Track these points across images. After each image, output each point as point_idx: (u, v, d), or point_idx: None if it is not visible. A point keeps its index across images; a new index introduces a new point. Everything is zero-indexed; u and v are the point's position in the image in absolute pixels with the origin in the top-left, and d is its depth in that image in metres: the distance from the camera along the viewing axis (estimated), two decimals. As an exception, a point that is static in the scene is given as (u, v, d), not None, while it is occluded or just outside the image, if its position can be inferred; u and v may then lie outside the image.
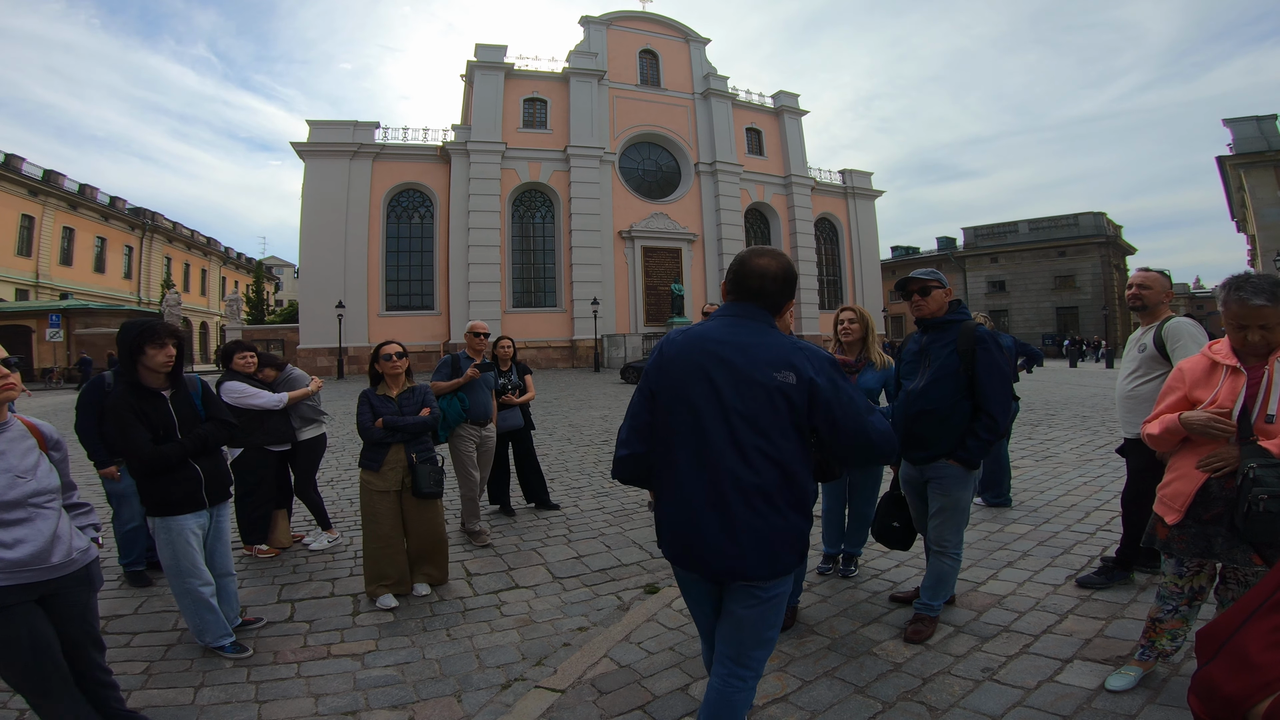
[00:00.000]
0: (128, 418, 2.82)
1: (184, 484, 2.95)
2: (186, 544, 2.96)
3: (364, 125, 30.39)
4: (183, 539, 2.95)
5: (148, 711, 2.43)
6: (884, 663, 2.81)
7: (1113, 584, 3.47)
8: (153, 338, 2.88)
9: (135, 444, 2.82)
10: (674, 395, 1.87)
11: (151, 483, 2.91)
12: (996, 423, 2.84)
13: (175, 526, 2.93)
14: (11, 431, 2.08)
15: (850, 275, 40.13)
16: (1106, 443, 7.99)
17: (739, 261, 1.97)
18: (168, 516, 2.93)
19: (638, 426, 1.95)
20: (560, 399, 15.67)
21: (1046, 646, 2.88)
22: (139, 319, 2.97)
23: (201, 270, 48.06)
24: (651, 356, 1.97)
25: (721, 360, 1.82)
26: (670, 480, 1.88)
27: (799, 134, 38.76)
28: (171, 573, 2.97)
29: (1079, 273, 41.40)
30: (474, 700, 2.65)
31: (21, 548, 1.98)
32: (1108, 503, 5.19)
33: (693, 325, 1.97)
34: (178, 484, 2.93)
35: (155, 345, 2.88)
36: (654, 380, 1.93)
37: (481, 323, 4.86)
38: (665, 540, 1.92)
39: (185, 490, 2.95)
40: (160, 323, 2.94)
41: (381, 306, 30.26)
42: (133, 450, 2.83)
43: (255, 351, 4.56)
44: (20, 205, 30.90)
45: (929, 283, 2.99)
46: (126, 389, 2.88)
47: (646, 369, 1.98)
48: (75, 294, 32.58)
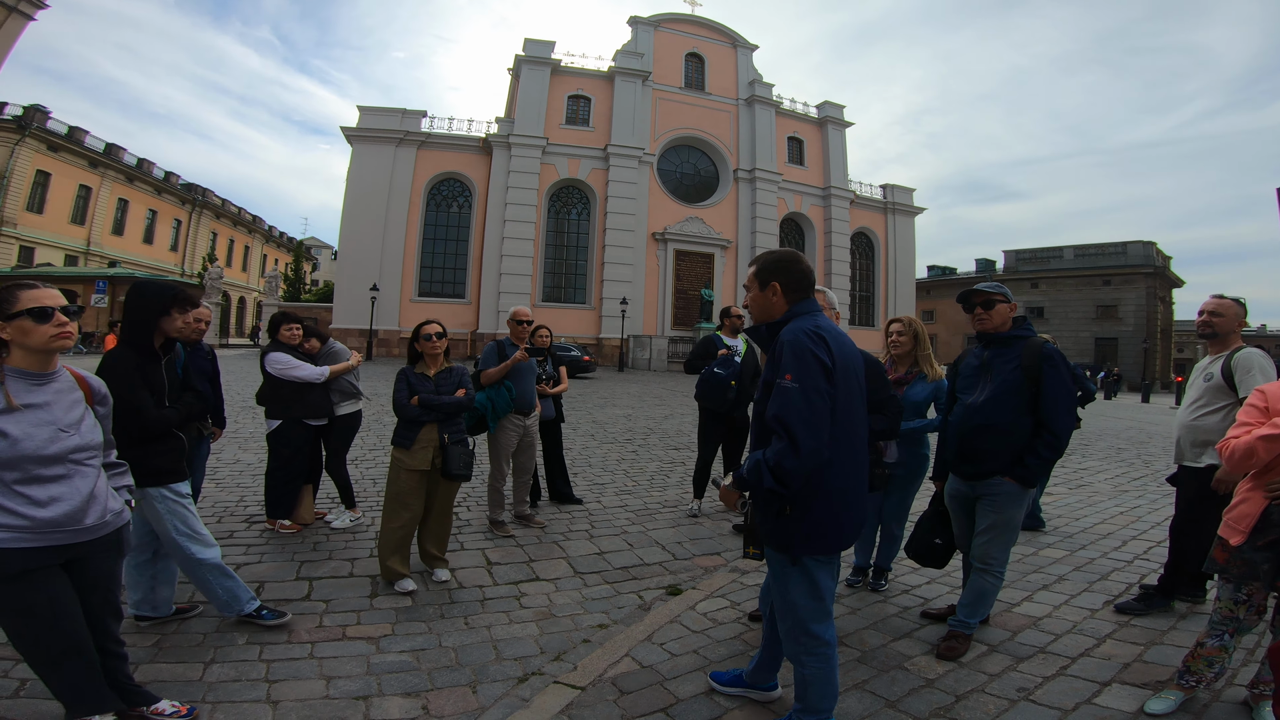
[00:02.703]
0: (136, 378, 2.71)
1: (172, 452, 2.85)
2: (187, 510, 2.86)
3: (412, 113, 30.86)
4: (182, 506, 2.84)
5: (154, 686, 2.37)
6: (916, 678, 2.74)
7: (1152, 611, 3.42)
8: (185, 301, 2.83)
9: (141, 407, 2.70)
10: (848, 391, 2.06)
11: (142, 449, 2.74)
12: (1060, 441, 2.79)
13: (172, 494, 2.82)
14: (60, 382, 2.01)
15: (884, 292, 39.50)
16: (1142, 475, 7.86)
17: (793, 261, 2.17)
18: (162, 486, 2.80)
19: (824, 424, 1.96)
20: (585, 395, 15.67)
21: (1084, 669, 2.82)
22: (155, 281, 2.89)
23: (245, 247, 49.32)
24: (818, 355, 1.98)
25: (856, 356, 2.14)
26: (841, 471, 2.04)
27: (842, 145, 38.30)
28: (176, 545, 2.82)
29: (1122, 303, 40.17)
30: (489, 692, 2.59)
31: (55, 506, 1.90)
32: (1145, 533, 5.15)
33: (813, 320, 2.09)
34: (168, 452, 2.83)
35: (181, 309, 2.83)
36: (836, 379, 2.01)
37: (525, 309, 4.83)
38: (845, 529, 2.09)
39: (173, 459, 2.85)
40: (188, 287, 2.89)
41: (414, 292, 30.67)
42: (137, 412, 2.70)
43: (302, 323, 4.58)
44: (80, 176, 32.06)
45: (994, 296, 2.91)
46: (132, 350, 2.76)
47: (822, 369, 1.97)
48: (123, 263, 33.65)
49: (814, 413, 1.92)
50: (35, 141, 28.75)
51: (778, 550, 2.11)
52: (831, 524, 2.05)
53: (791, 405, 1.92)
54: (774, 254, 2.22)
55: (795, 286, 2.14)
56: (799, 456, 1.89)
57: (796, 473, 1.92)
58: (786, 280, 2.15)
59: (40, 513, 1.87)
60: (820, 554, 2.08)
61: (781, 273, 2.15)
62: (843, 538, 2.09)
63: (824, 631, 2.13)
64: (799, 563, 2.08)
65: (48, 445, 1.89)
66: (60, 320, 1.95)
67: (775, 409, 1.96)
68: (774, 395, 1.98)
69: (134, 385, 2.70)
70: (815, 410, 1.92)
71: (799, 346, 1.98)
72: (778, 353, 2.03)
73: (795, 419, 1.90)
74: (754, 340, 2.26)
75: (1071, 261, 42.65)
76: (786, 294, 2.15)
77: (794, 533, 2.04)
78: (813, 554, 2.06)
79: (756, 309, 2.23)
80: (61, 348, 1.98)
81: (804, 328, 2.03)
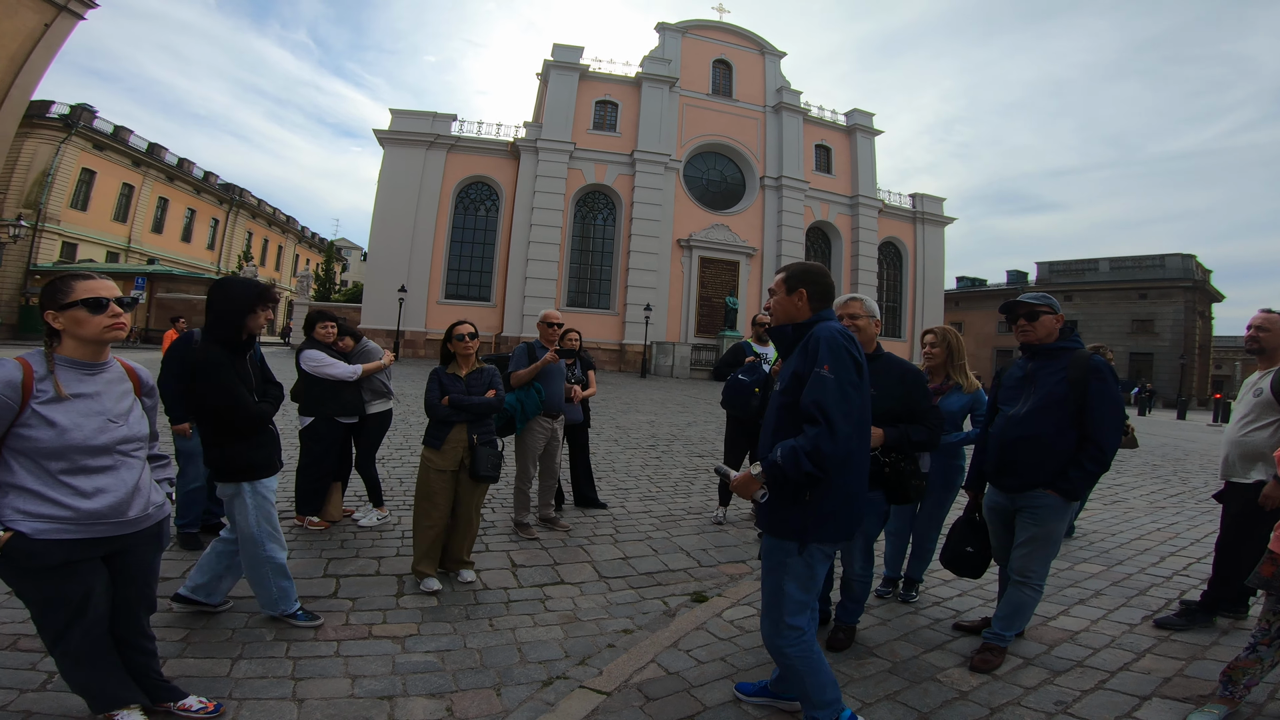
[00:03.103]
0: (232, 374, 2.77)
1: (267, 446, 2.92)
2: (271, 507, 2.91)
3: (442, 117, 31.29)
4: (268, 502, 2.89)
5: (181, 681, 2.38)
6: (949, 690, 2.70)
7: (1194, 626, 3.35)
8: (268, 299, 2.89)
9: (243, 402, 2.77)
10: (863, 393, 2.18)
11: (240, 444, 2.82)
12: (1105, 455, 2.72)
13: (262, 489, 2.87)
14: (110, 373, 2.02)
15: (911, 303, 38.93)
16: (1179, 492, 7.70)
17: (821, 274, 2.34)
18: (255, 480, 2.86)
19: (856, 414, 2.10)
20: (608, 401, 15.67)
21: (1123, 683, 2.78)
22: (240, 278, 2.95)
23: (278, 246, 50.42)
24: (852, 352, 2.14)
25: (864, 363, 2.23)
26: (856, 465, 2.17)
27: (870, 154, 37.91)
28: (252, 540, 2.86)
29: (1159, 317, 39.03)
30: (513, 695, 2.58)
31: (101, 498, 1.90)
32: (1184, 549, 5.04)
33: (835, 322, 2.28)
34: (262, 446, 2.90)
35: (264, 306, 2.89)
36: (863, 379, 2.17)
37: (555, 312, 4.85)
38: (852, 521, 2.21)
39: (268, 453, 2.91)
40: (269, 285, 2.94)
41: (441, 294, 31.02)
42: (239, 408, 2.76)
43: (337, 321, 4.65)
44: (123, 174, 33.07)
45: (1038, 308, 2.85)
46: (221, 346, 2.81)
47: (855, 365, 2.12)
48: (161, 260, 34.60)
49: (849, 402, 2.05)
50: (81, 140, 29.72)
51: (786, 537, 2.17)
52: (842, 513, 2.17)
53: (829, 392, 2.03)
54: (803, 264, 2.39)
55: (820, 295, 2.33)
56: (835, 441, 2.00)
57: (833, 456, 2.02)
58: (814, 289, 2.31)
59: (85, 504, 1.87)
60: (828, 542, 2.19)
61: (811, 282, 2.32)
62: (849, 528, 2.22)
63: (802, 622, 2.22)
64: (805, 550, 2.15)
65: (96, 435, 1.90)
66: (114, 311, 1.96)
67: (813, 395, 2.06)
68: (811, 383, 2.09)
69: (232, 381, 2.76)
70: (850, 400, 2.06)
71: (835, 343, 2.12)
72: (812, 347, 2.15)
73: (833, 405, 2.02)
74: (777, 339, 2.39)
75: (1107, 274, 41.60)
76: (812, 301, 2.31)
77: (808, 519, 2.13)
78: (822, 541, 2.16)
79: (780, 312, 2.37)
80: (114, 339, 2.00)
81: (836, 327, 2.21)
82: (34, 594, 1.91)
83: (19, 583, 1.89)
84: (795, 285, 2.32)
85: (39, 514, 1.82)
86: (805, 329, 2.26)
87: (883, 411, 2.90)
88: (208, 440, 2.90)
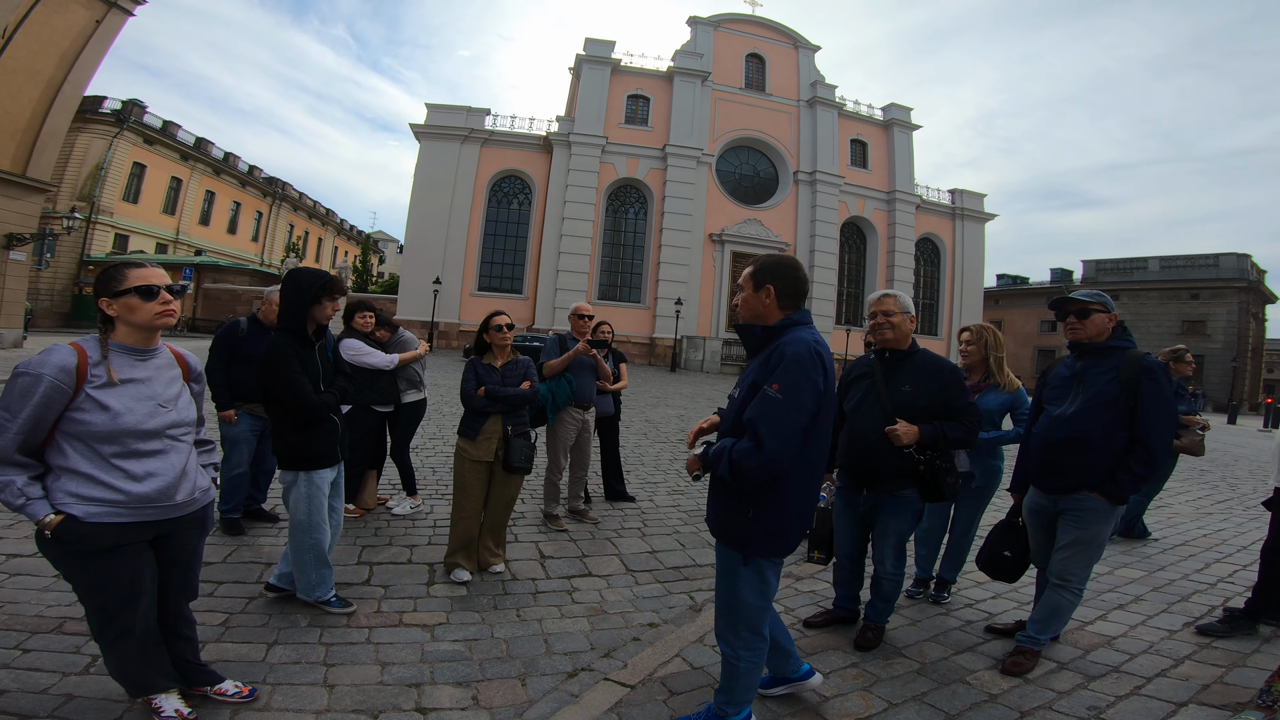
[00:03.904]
0: (295, 365, 2.81)
1: (328, 437, 2.96)
2: (325, 498, 2.96)
3: (476, 111, 31.62)
4: (321, 493, 2.94)
5: (218, 665, 2.43)
6: (978, 692, 2.65)
7: (1236, 633, 3.26)
8: (334, 289, 2.93)
9: (303, 393, 2.81)
10: (828, 410, 2.14)
11: (301, 435, 2.87)
12: (1155, 458, 2.63)
13: (318, 480, 2.92)
14: (159, 359, 2.07)
15: (949, 300, 38.05)
16: (1227, 499, 7.43)
17: (790, 269, 2.19)
18: (311, 471, 2.91)
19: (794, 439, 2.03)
20: (638, 394, 15.69)
21: (1160, 689, 2.72)
22: (309, 269, 2.99)
23: (318, 239, 51.62)
24: (813, 380, 2.03)
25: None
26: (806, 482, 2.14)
27: (908, 148, 37.09)
28: (301, 528, 2.93)
29: (1211, 319, 37.43)
30: (538, 685, 2.59)
31: (150, 481, 1.94)
32: (1230, 556, 4.88)
33: (813, 334, 2.14)
34: (324, 437, 2.94)
35: (331, 297, 2.93)
36: (825, 400, 2.08)
37: (586, 305, 4.87)
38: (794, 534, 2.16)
39: (329, 444, 2.96)
40: (337, 276, 2.96)
41: (474, 286, 31.44)
42: (301, 397, 2.80)
43: (375, 312, 4.74)
44: (172, 168, 34.21)
45: (1089, 305, 2.75)
46: (290, 336, 2.86)
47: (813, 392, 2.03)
48: (208, 252, 35.76)
49: (790, 427, 1.98)
50: (132, 135, 30.82)
51: (732, 548, 2.19)
52: (786, 530, 2.14)
53: (771, 414, 1.99)
54: (772, 258, 2.27)
55: (790, 293, 2.18)
56: (760, 458, 1.98)
57: (754, 473, 2.00)
58: (782, 286, 2.18)
59: (136, 487, 1.91)
60: (770, 556, 2.17)
61: (779, 278, 2.18)
62: (795, 541, 2.19)
63: (765, 629, 2.24)
64: (751, 563, 2.16)
65: (147, 420, 1.95)
66: (165, 299, 2.01)
67: (754, 413, 2.03)
68: (758, 398, 2.05)
69: (294, 372, 2.81)
70: (791, 425, 1.99)
71: (800, 363, 2.02)
72: (775, 360, 2.07)
73: (768, 427, 1.98)
74: (744, 338, 2.28)
75: (1157, 274, 40.02)
76: (780, 299, 2.19)
77: (753, 534, 2.12)
78: (764, 556, 2.15)
79: (747, 310, 2.26)
80: (165, 325, 2.04)
81: (808, 341, 2.08)
82: (82, 577, 1.96)
83: (68, 565, 1.95)
84: (763, 281, 2.19)
85: (90, 497, 1.88)
86: (774, 335, 2.16)
87: (919, 408, 2.84)
88: (275, 429, 2.97)
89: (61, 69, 14.80)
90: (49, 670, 2.41)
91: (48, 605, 2.92)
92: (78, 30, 14.89)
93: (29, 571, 3.24)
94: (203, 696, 2.25)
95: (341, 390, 3.07)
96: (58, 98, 14.86)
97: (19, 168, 14.74)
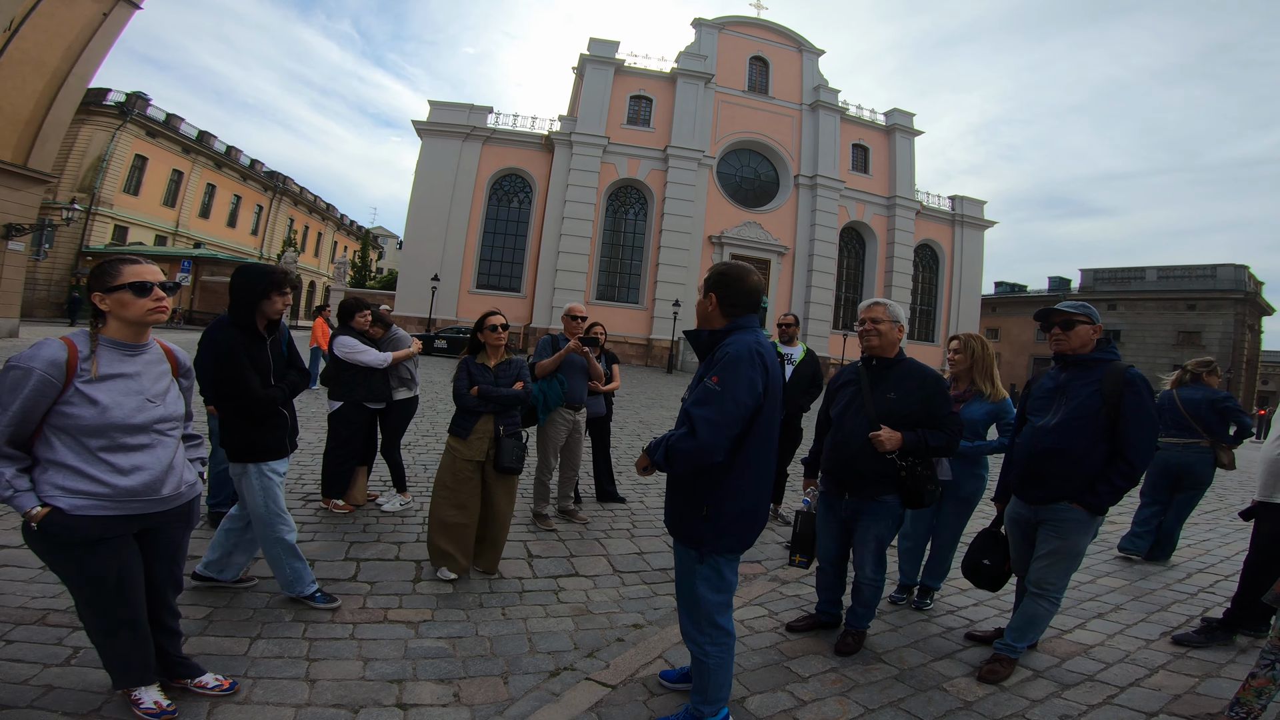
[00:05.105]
0: (243, 360, 2.84)
1: (277, 429, 2.98)
2: (278, 489, 2.98)
3: (479, 109, 31.63)
4: (274, 484, 2.96)
5: (201, 658, 2.45)
6: (953, 699, 2.68)
7: (1212, 644, 3.29)
8: (282, 284, 2.95)
9: (249, 386, 2.83)
10: (771, 408, 2.21)
11: (250, 427, 2.90)
12: (1136, 471, 2.66)
13: (268, 471, 2.94)
14: (149, 354, 2.09)
15: (946, 307, 38.08)
16: (1215, 509, 7.52)
17: (735, 280, 2.26)
18: (262, 462, 2.93)
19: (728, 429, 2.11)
20: (633, 395, 15.72)
21: (1132, 699, 2.76)
22: (257, 264, 3.03)
23: (318, 234, 51.60)
24: (752, 378, 2.12)
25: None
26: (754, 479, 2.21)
27: (909, 154, 37.12)
28: (262, 521, 2.95)
29: (1206, 329, 37.52)
30: (520, 684, 2.61)
31: (137, 475, 1.96)
32: (1212, 566, 4.96)
33: (755, 336, 2.22)
34: (272, 429, 2.96)
35: (280, 292, 2.95)
36: (765, 399, 2.16)
37: (579, 306, 4.90)
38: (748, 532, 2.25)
39: (277, 436, 2.98)
40: (284, 270, 3.00)
41: (473, 284, 31.44)
42: (246, 392, 2.83)
43: (371, 310, 4.77)
44: (173, 161, 34.18)
45: (1074, 317, 2.79)
46: (239, 331, 2.89)
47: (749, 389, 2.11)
48: (207, 245, 35.72)
49: (724, 418, 2.07)
50: (135, 127, 30.78)
51: (687, 545, 2.26)
52: (739, 525, 2.22)
53: (707, 405, 2.09)
54: (723, 267, 2.33)
55: (731, 302, 2.27)
56: (692, 443, 2.06)
57: (684, 457, 2.09)
58: (723, 295, 2.27)
59: (122, 481, 1.93)
60: (725, 553, 2.24)
61: (721, 287, 2.28)
62: (748, 538, 2.27)
63: (728, 623, 2.29)
64: (706, 560, 2.22)
65: (135, 414, 1.97)
66: (158, 295, 2.03)
67: (691, 403, 2.14)
68: (697, 391, 2.16)
69: (241, 368, 2.83)
70: (726, 416, 2.07)
71: (739, 363, 2.11)
72: (718, 357, 2.17)
73: (704, 416, 2.07)
74: (692, 343, 2.37)
75: (1154, 283, 40.12)
76: (722, 307, 2.28)
77: (706, 532, 2.19)
78: (719, 552, 2.22)
79: (699, 314, 2.37)
80: (156, 321, 2.07)
81: (749, 343, 2.16)
82: (69, 569, 1.98)
83: (54, 557, 1.97)
84: (708, 289, 2.30)
85: (77, 490, 1.90)
86: (719, 339, 2.24)
87: (902, 416, 2.88)
88: (222, 422, 3.01)
89: (67, 61, 14.80)
90: (30, 661, 2.42)
91: (32, 597, 2.93)
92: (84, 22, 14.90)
93: (14, 563, 3.26)
94: (182, 689, 2.27)
95: (291, 385, 3.07)
96: (62, 90, 14.86)
97: (20, 159, 14.74)
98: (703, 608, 2.26)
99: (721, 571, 2.26)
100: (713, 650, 2.25)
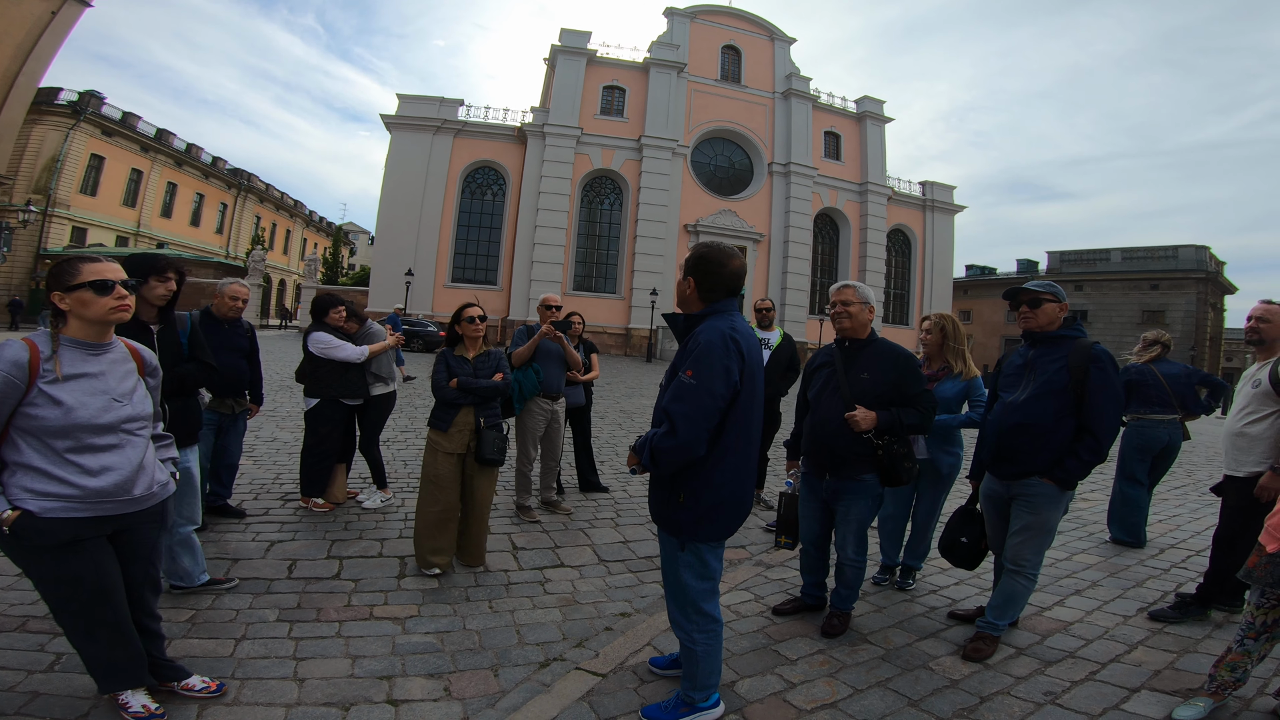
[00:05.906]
0: None
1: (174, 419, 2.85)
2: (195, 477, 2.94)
3: (449, 102, 31.19)
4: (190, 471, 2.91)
5: (186, 661, 2.41)
6: (940, 678, 2.72)
7: (1187, 619, 3.37)
8: (157, 269, 2.88)
9: None
10: (750, 393, 2.19)
11: None
12: (1102, 445, 2.72)
13: None
14: (114, 353, 2.04)
15: (919, 290, 38.70)
16: (1183, 484, 7.69)
17: (714, 263, 2.23)
18: None
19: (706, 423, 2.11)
20: (612, 385, 15.72)
21: (1114, 675, 2.79)
22: (145, 253, 2.95)
23: (286, 231, 50.51)
24: (727, 365, 2.10)
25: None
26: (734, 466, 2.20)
27: (880, 141, 37.53)
28: None
29: (1170, 308, 38.69)
30: (510, 676, 2.61)
31: (107, 476, 1.92)
32: (1184, 541, 5.06)
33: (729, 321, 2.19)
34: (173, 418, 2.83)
35: (158, 277, 2.88)
36: (743, 385, 2.15)
37: (554, 296, 4.86)
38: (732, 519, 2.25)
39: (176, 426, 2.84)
40: (165, 256, 2.92)
41: (448, 277, 31.12)
42: None
43: (345, 306, 4.70)
44: (132, 160, 33.14)
45: (1041, 295, 2.86)
46: None
47: (724, 378, 2.10)
48: (170, 244, 34.74)
49: (701, 412, 2.07)
50: (89, 126, 29.74)
51: (670, 533, 2.27)
52: (719, 513, 2.21)
53: (683, 400, 2.08)
54: (704, 249, 2.29)
55: (709, 286, 2.24)
56: (673, 442, 2.07)
57: (667, 457, 2.10)
58: (701, 278, 2.25)
59: (91, 482, 1.89)
60: (706, 541, 2.24)
61: (699, 271, 2.25)
62: (729, 526, 2.26)
63: (714, 610, 2.30)
64: (687, 548, 2.23)
65: (101, 414, 1.92)
66: (120, 294, 1.98)
67: (667, 400, 2.14)
68: (673, 386, 2.14)
69: None
70: (703, 410, 2.07)
71: (712, 352, 2.09)
72: (691, 346, 2.15)
73: (681, 412, 2.07)
74: (670, 326, 2.36)
75: (1119, 265, 41.22)
76: (700, 290, 2.25)
77: (684, 519, 2.20)
78: (699, 541, 2.23)
79: (678, 296, 2.35)
80: (119, 320, 2.02)
81: (722, 330, 2.13)
82: (43, 573, 1.94)
83: (27, 562, 1.93)
84: (687, 272, 2.27)
85: (46, 492, 1.85)
86: (694, 323, 2.23)
87: (877, 395, 2.91)
88: None
89: (16, 60, 14.30)
90: (14, 668, 2.37)
91: (10, 604, 2.86)
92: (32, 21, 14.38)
93: (-14, 573, 3.15)
94: (170, 692, 2.23)
95: (178, 378, 2.95)
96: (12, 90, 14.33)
97: (-30, 160, 14.17)
98: (688, 595, 2.26)
99: (705, 559, 2.26)
100: (700, 638, 2.27)
